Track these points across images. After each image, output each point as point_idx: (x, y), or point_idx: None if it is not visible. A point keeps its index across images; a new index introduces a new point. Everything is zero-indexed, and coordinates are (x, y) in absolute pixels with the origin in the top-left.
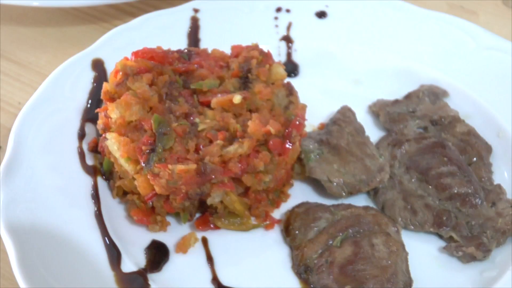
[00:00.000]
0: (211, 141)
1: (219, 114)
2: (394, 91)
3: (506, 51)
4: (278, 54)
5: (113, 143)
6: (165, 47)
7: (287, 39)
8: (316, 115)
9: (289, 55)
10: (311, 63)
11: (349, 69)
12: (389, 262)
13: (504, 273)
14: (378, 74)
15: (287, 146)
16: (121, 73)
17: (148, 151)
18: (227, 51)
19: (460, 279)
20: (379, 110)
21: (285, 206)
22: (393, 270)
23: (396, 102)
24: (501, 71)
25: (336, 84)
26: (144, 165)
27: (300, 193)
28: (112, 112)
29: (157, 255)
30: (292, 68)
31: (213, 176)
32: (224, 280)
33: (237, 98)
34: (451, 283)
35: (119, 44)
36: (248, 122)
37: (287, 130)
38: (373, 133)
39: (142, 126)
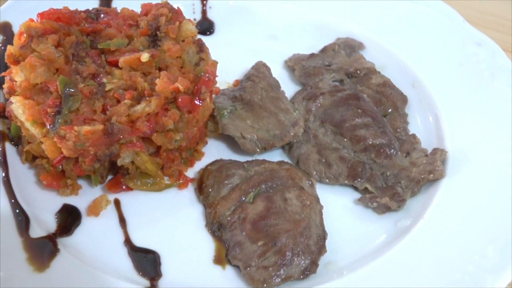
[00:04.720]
0: (119, 101)
1: (127, 73)
2: (311, 45)
3: (422, 2)
4: (193, 12)
5: (18, 107)
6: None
7: None
8: (232, 72)
9: (204, 12)
10: (226, 20)
11: (265, 24)
12: (302, 216)
13: (418, 221)
14: (294, 28)
15: (196, 103)
16: (25, 35)
17: (53, 113)
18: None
19: (375, 230)
20: (294, 64)
21: (200, 165)
22: (306, 224)
23: (311, 56)
24: (416, 22)
25: (252, 40)
26: (50, 128)
27: (214, 151)
28: (17, 75)
29: (68, 219)
30: (207, 26)
31: (121, 136)
32: (136, 242)
33: (144, 56)
34: (366, 235)
35: (29, 7)
36: (156, 80)
37: (196, 87)
38: (289, 88)
39: (48, 88)
